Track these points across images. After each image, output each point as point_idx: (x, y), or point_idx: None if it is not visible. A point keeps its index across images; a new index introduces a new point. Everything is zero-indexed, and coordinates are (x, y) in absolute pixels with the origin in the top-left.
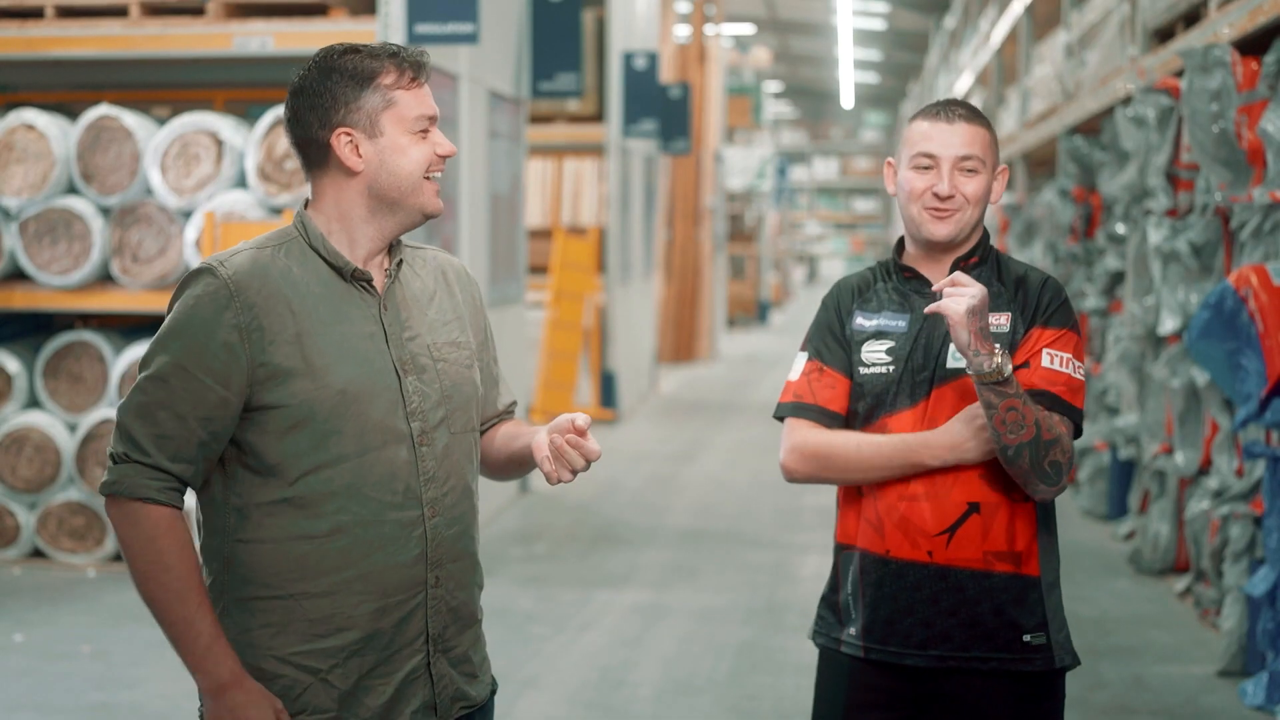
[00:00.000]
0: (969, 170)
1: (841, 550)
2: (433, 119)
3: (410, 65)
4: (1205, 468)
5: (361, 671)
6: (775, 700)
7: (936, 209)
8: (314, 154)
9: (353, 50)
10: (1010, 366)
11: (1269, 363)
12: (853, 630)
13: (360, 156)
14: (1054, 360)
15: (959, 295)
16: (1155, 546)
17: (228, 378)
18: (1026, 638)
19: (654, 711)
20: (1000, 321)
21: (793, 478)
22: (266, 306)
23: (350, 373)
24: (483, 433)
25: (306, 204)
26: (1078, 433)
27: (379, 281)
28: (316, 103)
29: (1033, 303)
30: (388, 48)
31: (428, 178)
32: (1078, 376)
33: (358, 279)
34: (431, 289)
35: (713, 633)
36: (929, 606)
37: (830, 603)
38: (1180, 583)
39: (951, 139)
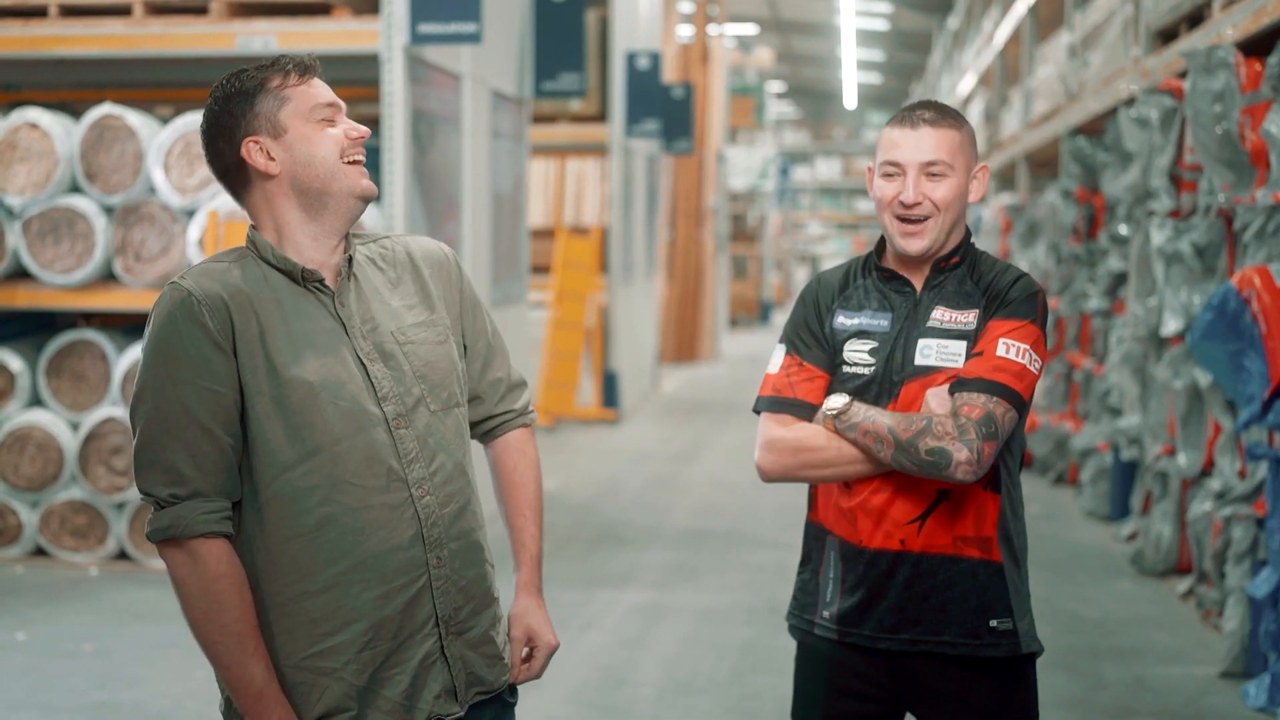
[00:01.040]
0: (935, 175)
1: (819, 533)
2: (332, 106)
3: (295, 66)
4: (1208, 469)
5: (375, 664)
6: (777, 700)
7: (904, 219)
8: (236, 176)
9: (238, 71)
10: (842, 400)
11: (1272, 364)
12: (826, 614)
13: (273, 159)
14: (1009, 350)
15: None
16: (1157, 548)
17: (228, 378)
18: (993, 623)
19: (655, 711)
20: (968, 318)
21: (767, 478)
22: (233, 306)
23: (313, 366)
24: (489, 431)
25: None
26: (1021, 415)
27: (331, 280)
28: (220, 128)
29: (997, 298)
30: (269, 58)
31: (349, 162)
32: (1032, 369)
33: (309, 279)
34: (395, 276)
35: (714, 633)
36: (902, 592)
37: (807, 582)
38: (1182, 584)
39: (916, 145)
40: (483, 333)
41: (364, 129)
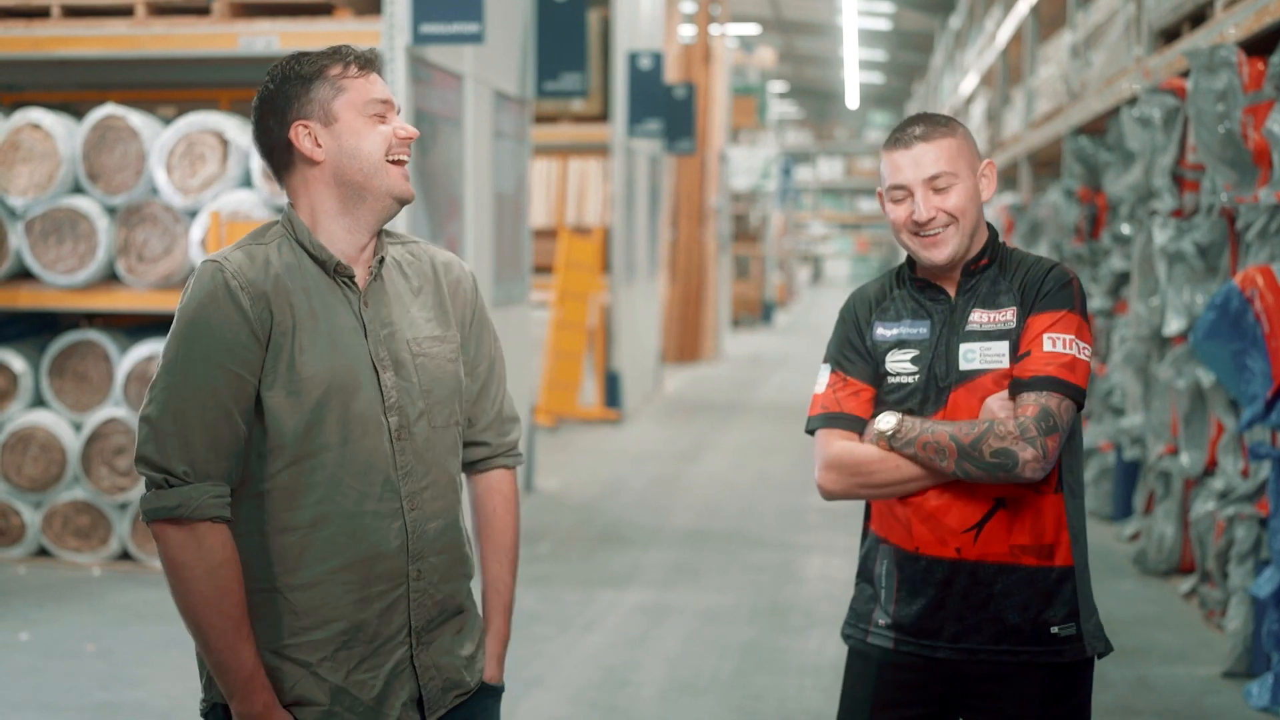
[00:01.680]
0: (941, 187)
1: (875, 542)
2: (386, 103)
3: (355, 58)
4: (1210, 469)
5: (350, 665)
6: (779, 700)
7: (921, 235)
8: (280, 156)
9: (300, 55)
10: (889, 421)
11: (1274, 363)
12: (882, 621)
13: (319, 145)
14: (1055, 343)
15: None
16: (1160, 547)
17: (256, 367)
18: (1054, 630)
19: (658, 711)
20: (1006, 317)
21: (830, 496)
22: (271, 297)
23: (334, 365)
24: (474, 462)
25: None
26: (1079, 406)
27: (361, 278)
28: (273, 106)
29: (1032, 292)
30: (333, 48)
31: (392, 161)
32: (1082, 357)
33: (340, 274)
34: (418, 285)
35: (717, 633)
36: (959, 601)
37: (863, 589)
38: (1185, 584)
39: (915, 164)
40: (486, 356)
41: (413, 130)
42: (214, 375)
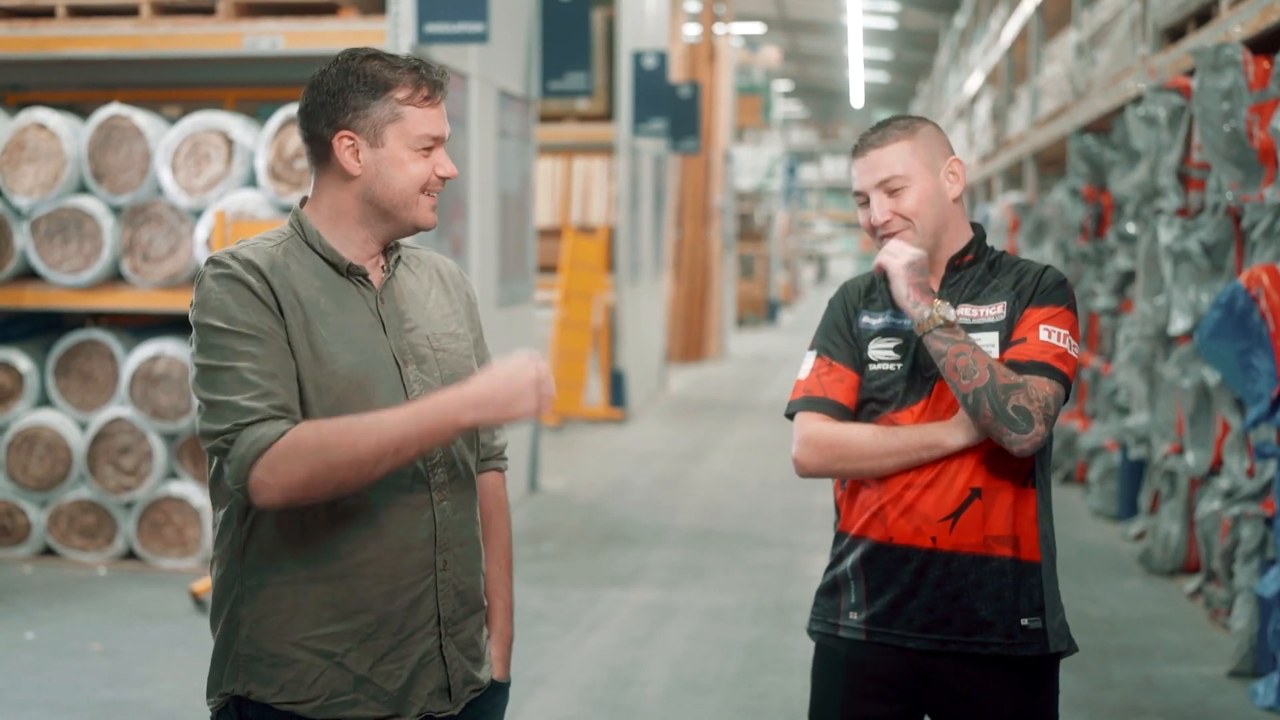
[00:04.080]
0: (894, 190)
1: (845, 538)
2: (439, 139)
3: (427, 84)
4: (1216, 468)
5: (376, 655)
6: (784, 700)
7: (883, 238)
8: (317, 149)
9: (375, 56)
10: (953, 313)
11: None
12: (854, 615)
13: (358, 162)
14: (1051, 335)
15: (896, 253)
16: (1166, 547)
17: (282, 334)
18: (1024, 622)
19: (663, 711)
20: (997, 310)
21: (805, 471)
22: (279, 289)
23: (354, 359)
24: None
25: (304, 202)
26: (1066, 395)
27: (375, 277)
28: (328, 100)
29: (1029, 288)
30: (410, 61)
31: (425, 193)
32: (1072, 353)
33: (353, 274)
34: (427, 286)
35: (721, 632)
36: (933, 591)
37: (829, 589)
38: (1191, 583)
39: (868, 170)
40: (481, 359)
41: (453, 169)
42: (246, 340)
